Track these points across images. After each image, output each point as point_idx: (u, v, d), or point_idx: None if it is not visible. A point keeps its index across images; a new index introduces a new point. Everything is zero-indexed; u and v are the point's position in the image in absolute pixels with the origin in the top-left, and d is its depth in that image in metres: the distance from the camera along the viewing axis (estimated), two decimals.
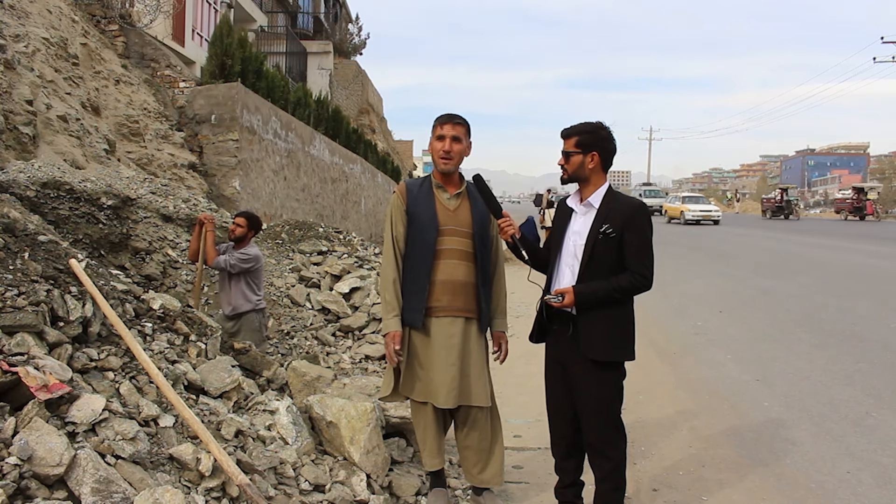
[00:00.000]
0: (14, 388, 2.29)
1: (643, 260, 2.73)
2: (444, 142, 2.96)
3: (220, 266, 4.78)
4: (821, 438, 4.04)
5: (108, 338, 2.91)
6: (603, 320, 2.75)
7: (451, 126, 2.97)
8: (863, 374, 5.29)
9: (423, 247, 2.97)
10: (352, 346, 6.38)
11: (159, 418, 2.62)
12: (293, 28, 23.41)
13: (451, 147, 2.96)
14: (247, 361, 3.75)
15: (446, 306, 2.96)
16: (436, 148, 2.99)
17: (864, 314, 7.56)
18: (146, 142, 9.41)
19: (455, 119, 2.99)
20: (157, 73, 10.84)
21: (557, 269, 2.88)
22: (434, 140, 3.00)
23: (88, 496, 2.12)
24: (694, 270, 11.92)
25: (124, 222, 5.70)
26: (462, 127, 3.00)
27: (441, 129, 2.97)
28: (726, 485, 3.49)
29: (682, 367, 5.79)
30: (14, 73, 7.02)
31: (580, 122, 2.85)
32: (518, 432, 4.29)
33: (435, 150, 2.99)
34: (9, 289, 2.61)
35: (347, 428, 3.23)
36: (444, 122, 2.98)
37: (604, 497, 2.84)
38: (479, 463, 3.06)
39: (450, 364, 2.91)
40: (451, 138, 2.96)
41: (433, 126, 3.02)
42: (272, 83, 12.55)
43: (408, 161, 42.67)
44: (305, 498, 2.86)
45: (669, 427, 4.36)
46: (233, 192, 10.12)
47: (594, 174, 2.82)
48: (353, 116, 27.17)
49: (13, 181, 5.08)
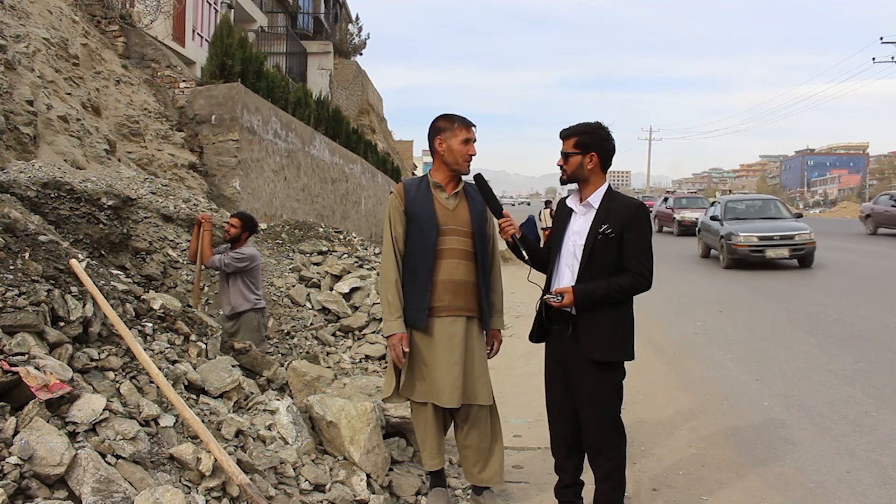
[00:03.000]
0: (14, 387, 2.30)
1: (643, 260, 2.73)
2: (471, 146, 3.02)
3: (215, 265, 4.82)
4: (820, 438, 4.05)
5: (109, 338, 2.91)
6: (602, 320, 2.76)
7: (475, 130, 3.06)
8: (862, 373, 5.29)
9: (423, 247, 2.97)
10: (352, 346, 6.38)
11: (160, 418, 2.63)
12: (293, 28, 23.42)
13: (475, 151, 3.04)
14: (247, 361, 3.76)
15: (448, 306, 2.97)
16: (462, 151, 3.00)
17: (864, 314, 7.56)
18: (146, 142, 9.42)
19: (472, 124, 3.07)
20: (158, 74, 10.84)
21: (557, 269, 2.89)
22: (459, 143, 2.99)
23: (89, 496, 2.13)
24: (694, 270, 11.93)
25: (125, 222, 5.70)
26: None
27: (468, 132, 3.02)
28: (726, 484, 3.50)
29: (682, 367, 5.80)
30: (15, 73, 7.02)
31: (579, 123, 2.85)
32: (518, 432, 4.29)
33: (461, 152, 3.00)
34: (9, 289, 2.61)
35: (347, 428, 3.23)
36: (468, 125, 3.04)
37: (604, 497, 2.85)
38: (479, 462, 3.06)
39: (453, 363, 2.92)
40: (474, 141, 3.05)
41: (453, 127, 3.01)
42: (272, 83, 12.55)
43: (408, 161, 42.66)
44: (305, 498, 2.86)
45: (669, 427, 4.36)
46: (233, 193, 10.12)
47: (593, 174, 2.82)
48: (353, 116, 27.18)
49: (14, 181, 5.08)
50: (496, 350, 3.18)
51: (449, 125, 3.01)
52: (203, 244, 4.79)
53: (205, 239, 4.80)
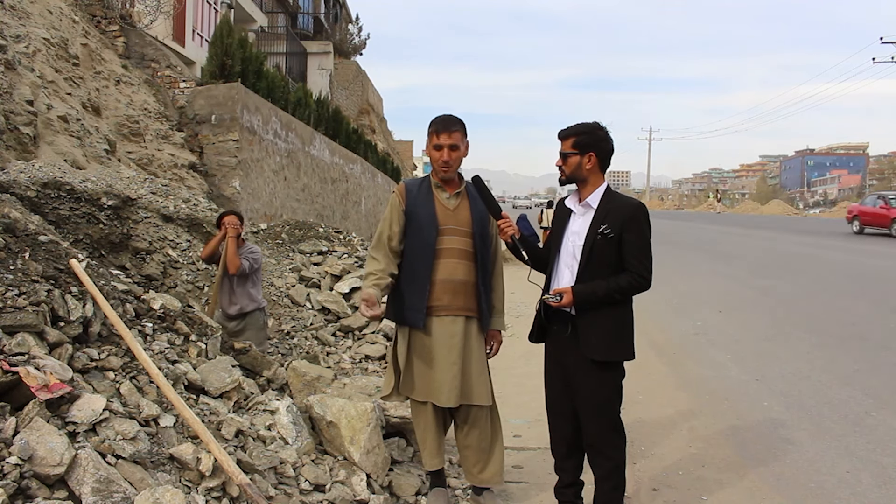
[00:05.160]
0: (15, 387, 2.30)
1: (642, 260, 2.73)
2: (443, 152, 2.93)
3: (244, 271, 4.73)
4: (820, 438, 4.05)
5: (109, 338, 2.91)
6: (602, 320, 2.76)
7: (447, 135, 2.93)
8: (862, 374, 5.29)
9: (423, 246, 2.97)
10: (352, 346, 6.39)
11: (160, 418, 2.63)
12: (293, 28, 23.42)
13: (450, 156, 2.94)
14: (247, 361, 3.76)
15: (447, 305, 2.97)
16: (434, 157, 2.97)
17: (864, 314, 7.56)
18: (146, 142, 9.42)
19: (451, 127, 2.94)
20: (158, 74, 10.84)
21: (557, 269, 2.89)
22: (432, 149, 2.97)
23: (89, 496, 2.13)
24: (694, 270, 11.93)
25: (125, 222, 5.70)
26: (458, 132, 2.95)
27: (438, 138, 2.93)
28: (726, 484, 3.50)
29: (682, 367, 5.80)
30: (15, 73, 7.02)
31: (577, 123, 2.84)
32: (518, 432, 4.29)
33: (434, 159, 2.98)
34: (9, 289, 2.61)
35: (347, 428, 3.23)
36: (440, 130, 2.93)
37: (603, 496, 2.85)
38: (479, 462, 3.06)
39: (451, 363, 2.92)
40: (449, 147, 2.93)
41: (429, 132, 2.97)
42: (272, 83, 12.55)
43: (408, 161, 42.67)
44: (305, 498, 2.86)
45: (669, 427, 4.36)
46: (233, 193, 10.13)
47: (592, 175, 2.82)
48: (353, 117, 27.18)
49: (14, 181, 5.09)
50: (495, 350, 3.18)
51: (429, 130, 2.98)
52: (229, 252, 4.67)
53: (231, 246, 4.67)
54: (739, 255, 14.16)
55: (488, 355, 3.15)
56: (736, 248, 15.94)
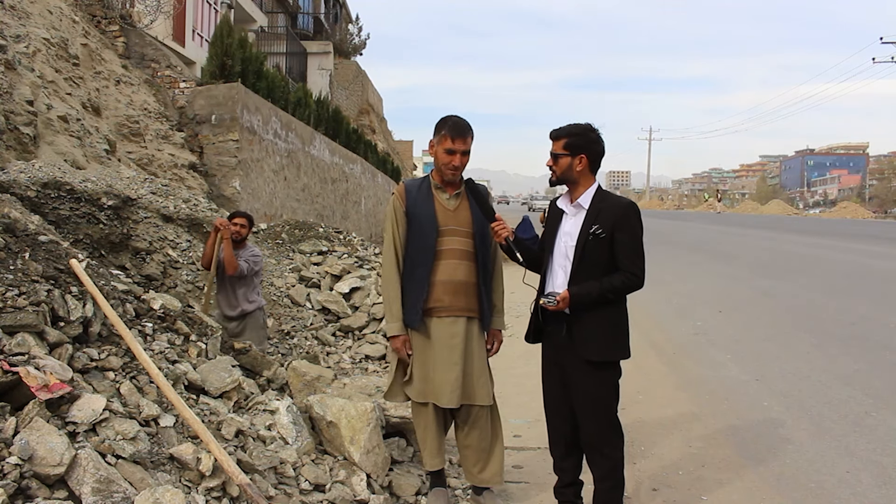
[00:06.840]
0: (15, 388, 2.30)
1: (634, 259, 2.74)
2: (455, 157, 2.95)
3: (243, 273, 4.71)
4: (820, 438, 4.05)
5: (109, 338, 2.91)
6: (597, 320, 2.76)
7: (462, 141, 2.94)
8: (862, 374, 5.29)
9: (423, 247, 2.98)
10: (352, 346, 6.39)
11: (160, 418, 2.63)
12: (293, 28, 23.42)
13: (461, 162, 2.97)
14: (247, 361, 3.76)
15: (448, 306, 2.97)
16: (444, 161, 2.97)
17: (864, 314, 7.56)
18: (146, 142, 9.42)
19: (465, 133, 2.96)
20: (158, 74, 10.84)
21: (550, 269, 2.89)
22: (443, 152, 2.96)
23: (89, 496, 2.13)
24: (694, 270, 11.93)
25: (125, 222, 5.70)
26: (470, 139, 2.99)
27: (452, 143, 2.94)
28: (726, 484, 3.50)
29: (682, 367, 5.79)
30: (15, 73, 7.02)
31: (569, 124, 2.84)
32: (518, 432, 4.29)
33: (444, 162, 2.97)
34: (9, 289, 2.61)
35: (347, 428, 3.23)
36: (455, 136, 2.94)
37: (603, 496, 2.85)
38: (479, 462, 3.07)
39: (452, 363, 2.93)
40: (462, 153, 2.96)
41: (442, 134, 2.96)
42: (272, 83, 12.55)
43: (408, 161, 42.66)
44: (305, 498, 2.86)
45: (669, 427, 4.36)
46: (233, 193, 10.13)
47: (583, 176, 2.82)
48: (353, 117, 27.17)
49: (14, 181, 5.09)
50: (496, 350, 3.18)
51: (440, 130, 2.98)
52: (226, 253, 4.64)
53: (227, 248, 4.65)
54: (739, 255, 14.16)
55: (489, 354, 3.15)
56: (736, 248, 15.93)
